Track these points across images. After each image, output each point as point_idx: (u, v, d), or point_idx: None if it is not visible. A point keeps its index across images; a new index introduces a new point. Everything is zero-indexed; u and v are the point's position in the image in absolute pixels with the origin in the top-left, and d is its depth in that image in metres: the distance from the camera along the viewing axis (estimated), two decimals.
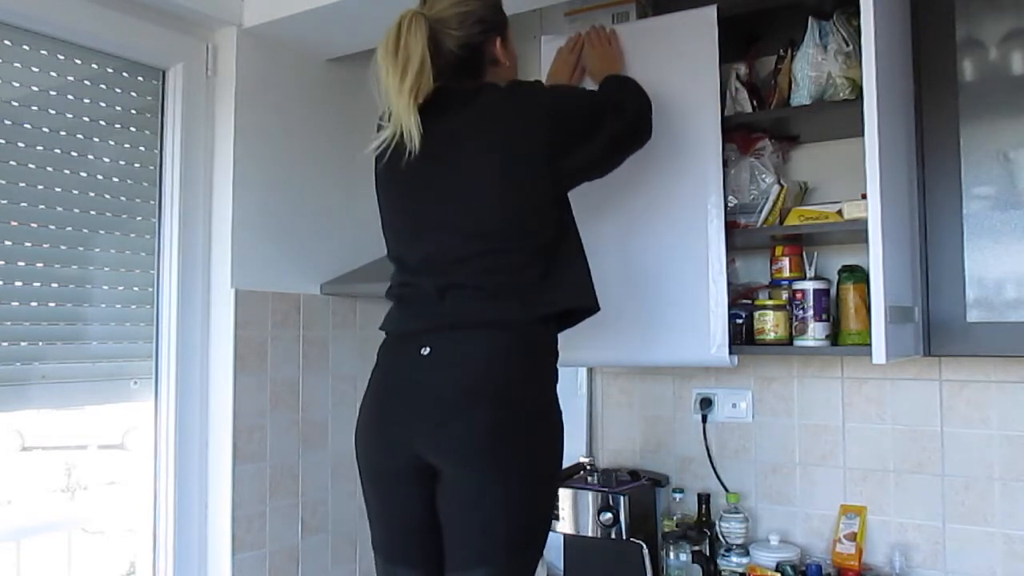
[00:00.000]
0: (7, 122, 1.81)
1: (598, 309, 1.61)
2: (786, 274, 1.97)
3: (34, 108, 1.86)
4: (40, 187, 1.86)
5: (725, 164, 1.92)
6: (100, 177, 1.98)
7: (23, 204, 1.83)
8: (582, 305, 1.60)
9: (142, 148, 2.08)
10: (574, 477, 2.15)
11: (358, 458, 1.61)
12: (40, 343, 1.86)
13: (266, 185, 2.23)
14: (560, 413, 1.54)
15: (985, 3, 1.73)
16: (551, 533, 2.05)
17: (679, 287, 1.89)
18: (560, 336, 1.63)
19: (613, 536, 2.00)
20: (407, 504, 1.54)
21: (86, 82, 1.96)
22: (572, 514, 2.06)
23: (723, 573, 2.02)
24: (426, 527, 1.52)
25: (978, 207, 1.72)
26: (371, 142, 1.59)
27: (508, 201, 1.52)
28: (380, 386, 1.58)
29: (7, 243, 1.81)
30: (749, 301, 2.03)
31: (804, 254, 1.98)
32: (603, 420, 2.40)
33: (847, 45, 1.85)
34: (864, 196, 1.61)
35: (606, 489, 2.03)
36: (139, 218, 2.07)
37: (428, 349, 1.51)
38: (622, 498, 2.00)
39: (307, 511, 2.31)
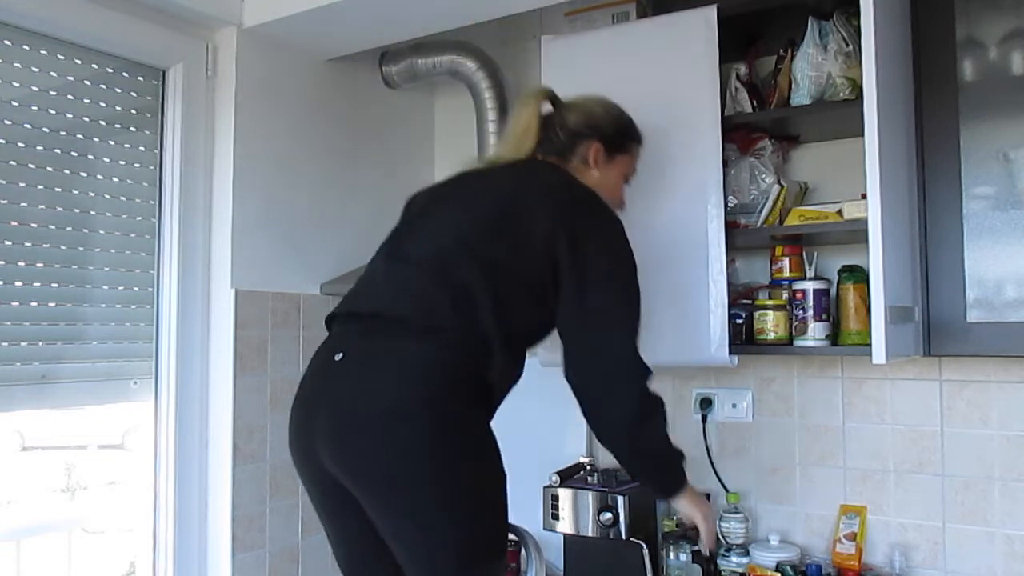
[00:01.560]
0: (7, 122, 1.81)
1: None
2: (786, 274, 1.97)
3: (34, 108, 1.86)
4: (40, 187, 1.86)
5: (725, 164, 1.92)
6: (100, 177, 1.98)
7: (23, 204, 1.83)
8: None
9: (142, 148, 2.08)
10: (574, 477, 2.15)
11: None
12: (40, 343, 1.86)
13: (266, 185, 2.23)
14: (480, 425, 1.44)
15: (985, 3, 1.73)
16: (552, 533, 2.07)
17: (679, 287, 1.89)
18: None
19: (613, 536, 2.00)
20: (344, 520, 1.50)
21: (86, 82, 1.96)
22: (572, 514, 2.05)
23: (723, 573, 2.02)
24: (370, 541, 1.46)
25: (978, 207, 1.72)
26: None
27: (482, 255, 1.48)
28: (297, 394, 1.53)
29: (7, 243, 1.80)
30: (749, 301, 2.03)
31: (804, 254, 1.98)
32: None
33: (847, 45, 1.85)
34: (864, 196, 1.62)
35: (606, 489, 2.03)
36: (139, 218, 2.07)
37: (341, 355, 1.44)
38: (622, 498, 2.00)
39: (307, 511, 2.31)
